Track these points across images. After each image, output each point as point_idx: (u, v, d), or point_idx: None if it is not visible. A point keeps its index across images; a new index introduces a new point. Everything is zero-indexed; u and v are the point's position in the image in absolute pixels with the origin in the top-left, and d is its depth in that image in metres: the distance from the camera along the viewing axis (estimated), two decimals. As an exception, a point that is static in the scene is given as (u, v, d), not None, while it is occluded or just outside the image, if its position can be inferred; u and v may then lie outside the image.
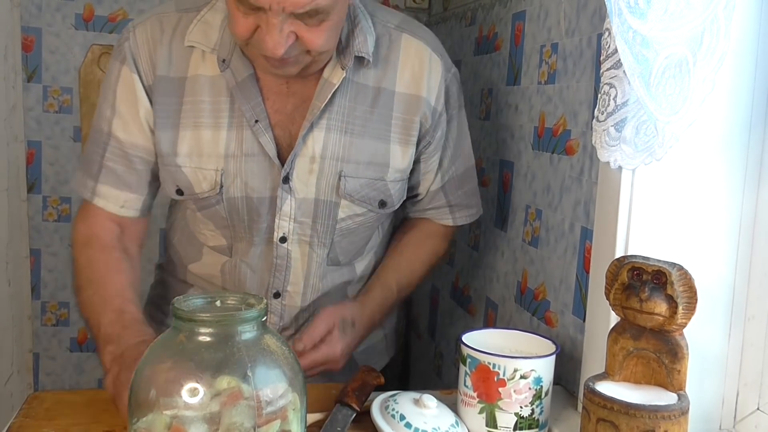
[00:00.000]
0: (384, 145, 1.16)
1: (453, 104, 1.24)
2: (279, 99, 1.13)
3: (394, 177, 1.19)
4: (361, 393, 0.99)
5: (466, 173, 1.31)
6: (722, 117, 0.94)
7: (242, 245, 1.20)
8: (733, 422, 0.99)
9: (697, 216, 0.95)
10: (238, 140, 1.12)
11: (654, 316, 0.82)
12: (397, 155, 1.18)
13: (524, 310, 1.34)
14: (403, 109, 1.17)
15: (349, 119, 1.14)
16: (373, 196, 1.18)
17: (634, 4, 0.83)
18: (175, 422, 0.70)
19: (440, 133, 1.22)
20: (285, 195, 1.14)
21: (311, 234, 1.18)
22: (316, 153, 1.13)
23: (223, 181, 1.13)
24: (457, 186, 1.30)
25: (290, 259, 1.19)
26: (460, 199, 1.31)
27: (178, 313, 0.72)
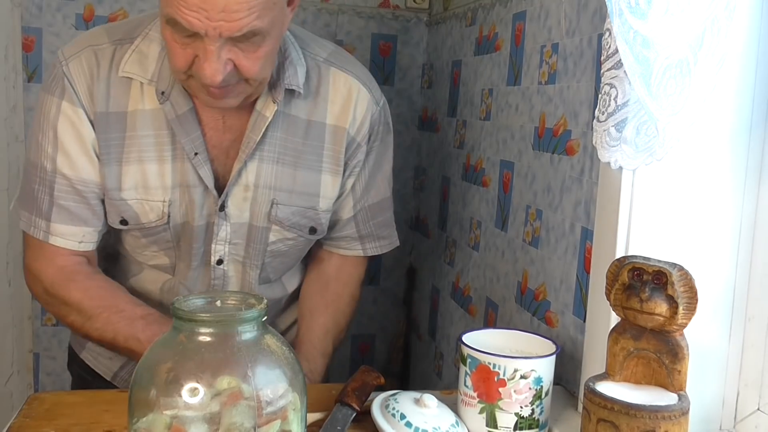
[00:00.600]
0: (316, 176, 1.21)
1: (374, 137, 1.26)
2: (215, 134, 1.16)
3: (325, 206, 1.24)
4: (361, 393, 0.99)
5: (381, 204, 1.32)
6: (723, 117, 0.94)
7: (183, 266, 1.24)
8: (733, 422, 0.99)
9: (698, 216, 0.95)
10: (181, 172, 1.15)
11: (654, 317, 0.82)
12: (328, 185, 1.22)
13: (524, 310, 1.34)
14: (331, 140, 1.21)
15: (282, 150, 1.18)
16: (304, 223, 1.23)
17: (635, 5, 0.83)
18: (175, 422, 0.70)
19: (355, 162, 1.25)
20: (221, 222, 1.19)
21: (244, 255, 1.23)
22: (249, 182, 1.18)
23: (170, 210, 1.16)
24: (370, 216, 1.32)
25: (227, 278, 1.25)
26: (371, 230, 1.33)
27: (178, 313, 0.72)
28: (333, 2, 2.15)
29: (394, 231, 1.38)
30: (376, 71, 2.20)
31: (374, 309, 2.32)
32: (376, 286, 2.31)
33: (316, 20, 2.15)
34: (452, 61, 1.89)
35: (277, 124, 1.17)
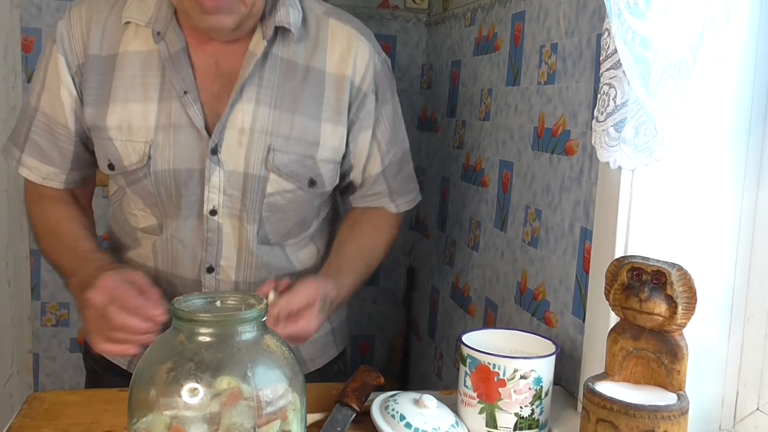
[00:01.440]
0: (315, 123, 1.17)
1: (384, 87, 1.24)
2: (207, 78, 1.16)
3: (324, 156, 1.19)
4: (361, 393, 0.99)
5: (404, 158, 1.32)
6: (722, 117, 0.94)
7: (172, 221, 1.20)
8: (732, 422, 0.99)
9: (697, 216, 0.95)
10: (167, 112, 1.14)
11: (653, 317, 0.82)
12: (328, 134, 1.19)
13: (524, 310, 1.35)
14: (333, 89, 1.19)
15: (279, 94, 1.16)
16: (303, 173, 1.19)
17: (634, 5, 0.83)
18: (175, 422, 0.70)
19: (365, 113, 1.22)
20: (213, 167, 1.15)
21: (240, 208, 1.18)
22: (245, 126, 1.14)
23: (151, 153, 1.15)
24: (397, 171, 1.30)
25: (221, 232, 1.19)
26: (400, 185, 1.32)
27: (178, 313, 0.72)
28: (333, 2, 2.15)
29: (417, 185, 1.37)
30: (376, 71, 2.20)
31: (374, 309, 2.32)
32: (376, 286, 2.31)
33: (316, 20, 2.15)
34: (451, 61, 1.90)
35: (275, 67, 1.16)
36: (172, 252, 1.22)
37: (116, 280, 1.03)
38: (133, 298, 1.01)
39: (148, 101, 1.15)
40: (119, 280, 1.03)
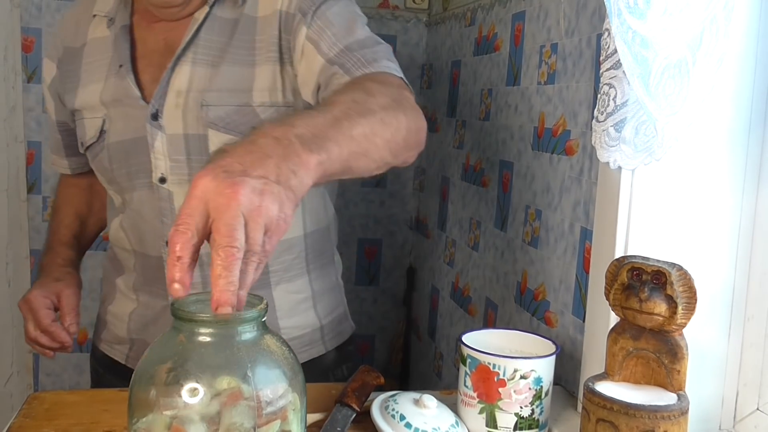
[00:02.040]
0: (247, 69, 1.14)
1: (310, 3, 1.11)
2: (155, 53, 1.19)
3: (261, 101, 1.12)
4: (361, 393, 0.99)
5: (365, 42, 1.09)
6: (722, 117, 0.94)
7: (129, 195, 1.22)
8: (732, 422, 0.99)
9: (697, 216, 0.95)
10: (109, 87, 1.20)
11: (654, 317, 0.82)
12: (265, 76, 1.12)
13: (524, 310, 1.35)
14: (263, 30, 1.14)
15: (213, 51, 1.16)
16: (243, 122, 1.14)
17: (634, 5, 0.83)
18: (175, 422, 0.70)
19: (298, 32, 1.10)
20: (155, 132, 1.16)
21: (189, 172, 1.16)
22: (182, 88, 1.15)
23: (105, 127, 1.21)
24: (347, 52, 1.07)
25: (173, 201, 1.17)
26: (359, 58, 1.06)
27: (178, 313, 0.72)
28: (332, 2, 2.15)
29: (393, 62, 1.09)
30: (376, 71, 2.20)
31: (374, 309, 2.32)
32: (376, 286, 2.31)
33: (316, 20, 2.15)
34: (451, 61, 1.90)
35: (213, 27, 1.16)
36: (137, 228, 1.23)
37: (38, 302, 1.21)
38: (45, 322, 1.20)
39: (99, 81, 1.21)
40: (41, 303, 1.21)
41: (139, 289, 1.26)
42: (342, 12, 1.13)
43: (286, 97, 1.14)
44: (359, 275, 2.30)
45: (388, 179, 2.25)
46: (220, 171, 0.69)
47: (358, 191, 2.25)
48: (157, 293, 1.23)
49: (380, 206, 2.27)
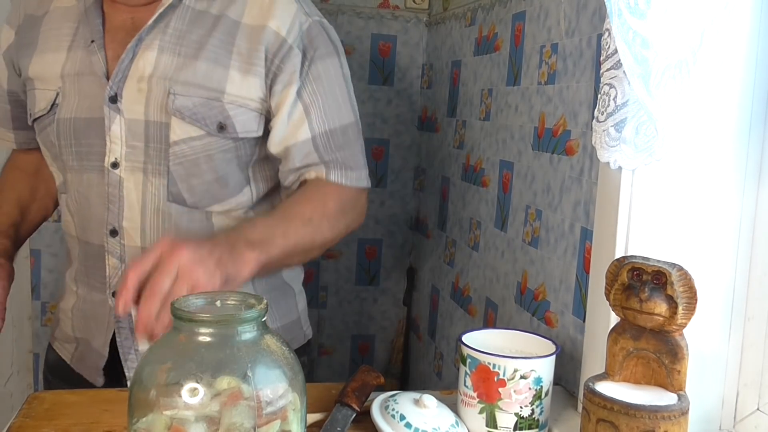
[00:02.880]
0: (221, 70, 1.12)
1: (313, 48, 1.16)
2: (121, 31, 1.16)
3: (232, 100, 1.12)
4: (361, 393, 0.99)
5: (345, 130, 1.19)
6: (722, 117, 0.94)
7: (74, 176, 1.18)
8: (733, 422, 0.99)
9: (697, 216, 0.95)
10: (73, 60, 1.16)
11: (654, 317, 0.82)
12: (236, 81, 1.12)
13: (524, 310, 1.35)
14: (247, 39, 1.13)
15: (183, 42, 1.13)
16: (210, 115, 1.12)
17: (634, 5, 0.83)
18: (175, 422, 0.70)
19: (290, 67, 1.14)
20: (113, 114, 1.12)
21: (144, 160, 1.13)
22: (145, 73, 1.12)
23: (57, 100, 1.17)
24: (333, 143, 1.18)
25: (122, 188, 1.14)
26: (336, 157, 1.18)
27: (178, 313, 0.72)
28: (333, 2, 2.15)
29: (364, 167, 1.22)
30: (376, 71, 2.20)
31: (374, 309, 2.32)
32: (376, 286, 2.31)
33: (316, 20, 2.15)
34: (452, 61, 1.90)
35: (184, 16, 1.14)
36: (81, 214, 1.19)
37: None
38: None
39: (60, 51, 1.18)
40: None
41: (80, 281, 1.23)
42: (336, 75, 1.19)
43: (254, 104, 1.14)
44: (359, 275, 2.30)
45: (388, 179, 2.26)
46: (179, 240, 0.91)
47: (358, 191, 2.24)
48: (95, 285, 1.20)
49: (380, 206, 2.27)
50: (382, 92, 2.21)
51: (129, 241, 1.15)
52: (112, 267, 1.17)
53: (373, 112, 2.22)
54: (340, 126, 1.18)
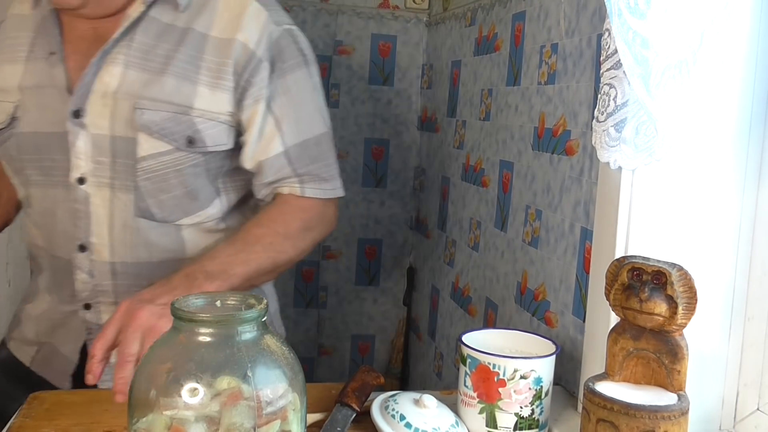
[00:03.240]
0: (189, 86, 1.10)
1: (285, 59, 1.14)
2: (83, 42, 1.12)
3: (200, 114, 1.10)
4: (361, 393, 0.99)
5: (318, 141, 1.18)
6: (722, 117, 0.94)
7: (39, 190, 1.15)
8: (733, 422, 0.99)
9: (697, 216, 0.95)
10: (32, 72, 1.13)
11: (654, 317, 0.82)
12: (205, 96, 1.10)
13: (524, 310, 1.35)
14: (215, 53, 1.10)
15: (149, 57, 1.10)
16: (178, 130, 1.09)
17: (634, 5, 0.83)
18: (175, 422, 0.70)
19: (259, 80, 1.12)
20: (77, 130, 1.09)
21: (111, 175, 1.11)
22: (110, 88, 1.09)
23: (16, 113, 1.12)
24: (306, 155, 1.16)
25: (90, 203, 1.11)
26: (310, 170, 1.17)
27: (178, 313, 0.72)
28: (333, 2, 2.15)
29: (338, 177, 1.21)
30: (376, 71, 2.20)
31: (374, 309, 2.32)
32: (376, 286, 2.31)
33: (316, 20, 2.15)
34: (452, 61, 1.90)
35: (149, 29, 1.10)
36: (47, 228, 1.16)
37: None
38: None
39: (16, 62, 1.14)
40: None
41: (51, 290, 1.20)
42: (306, 87, 1.17)
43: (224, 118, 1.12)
44: (359, 275, 2.30)
45: (388, 179, 2.26)
46: (135, 300, 0.94)
47: (358, 191, 2.25)
48: (65, 298, 1.17)
49: (380, 206, 2.27)
50: (382, 92, 2.21)
51: (98, 256, 1.14)
52: (81, 281, 1.15)
53: (373, 112, 2.22)
54: (313, 137, 1.17)
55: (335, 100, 2.19)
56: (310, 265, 2.26)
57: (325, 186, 1.19)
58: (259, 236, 1.12)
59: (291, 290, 2.26)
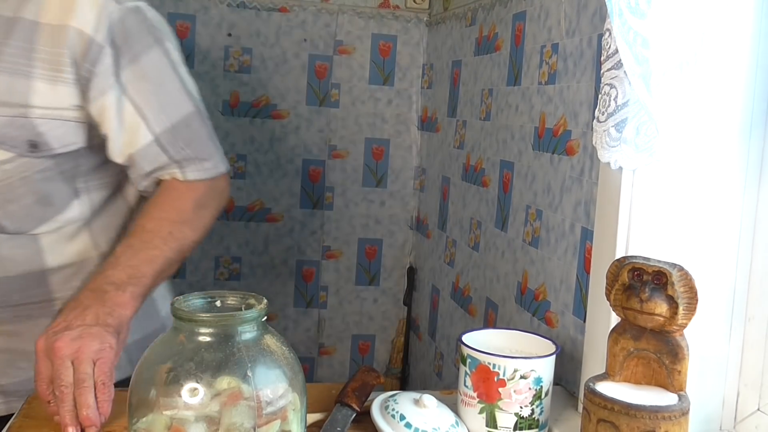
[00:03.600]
0: (23, 81, 0.99)
1: (131, 41, 1.04)
2: None
3: (41, 113, 1.00)
4: (361, 393, 0.99)
5: (187, 121, 1.09)
6: (723, 117, 0.94)
7: None
8: (733, 423, 0.99)
9: (698, 216, 0.95)
10: None
11: (654, 317, 0.82)
12: (43, 92, 1.00)
13: (524, 310, 1.34)
14: (49, 42, 1.00)
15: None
16: (17, 135, 1.00)
17: (635, 5, 0.83)
18: (175, 422, 0.70)
19: (103, 69, 1.02)
20: None
21: None
22: None
23: None
24: (179, 138, 1.08)
25: None
26: (187, 153, 1.09)
27: (178, 313, 0.72)
28: (333, 2, 2.15)
29: (217, 152, 1.13)
30: (377, 71, 2.20)
31: (374, 309, 2.32)
32: (376, 286, 2.31)
33: (316, 20, 2.15)
34: (452, 61, 1.89)
35: None
36: None
37: None
38: None
39: None
40: None
41: None
42: (164, 67, 1.07)
43: (70, 114, 1.03)
44: (359, 275, 2.30)
45: (388, 179, 2.25)
46: (50, 333, 0.90)
47: (358, 191, 2.25)
48: None
49: (380, 206, 2.27)
50: (383, 92, 2.21)
51: None
52: None
53: (374, 112, 2.22)
54: (182, 119, 1.08)
55: (335, 100, 2.19)
56: (311, 265, 2.26)
57: (206, 165, 1.11)
58: (155, 230, 1.05)
59: (291, 290, 2.26)
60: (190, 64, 2.09)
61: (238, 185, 2.17)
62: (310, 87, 2.18)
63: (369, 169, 2.24)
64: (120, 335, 0.93)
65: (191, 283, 2.19)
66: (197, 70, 2.10)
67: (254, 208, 2.20)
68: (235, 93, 2.14)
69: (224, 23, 2.10)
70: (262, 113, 2.16)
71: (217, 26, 2.10)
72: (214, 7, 2.10)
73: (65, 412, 0.85)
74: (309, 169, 2.21)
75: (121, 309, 0.95)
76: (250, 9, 2.11)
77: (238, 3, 2.10)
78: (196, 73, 2.10)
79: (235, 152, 2.16)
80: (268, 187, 2.20)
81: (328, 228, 2.25)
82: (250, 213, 2.20)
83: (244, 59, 2.13)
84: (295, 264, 2.25)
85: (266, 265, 2.23)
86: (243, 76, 2.13)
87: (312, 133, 2.20)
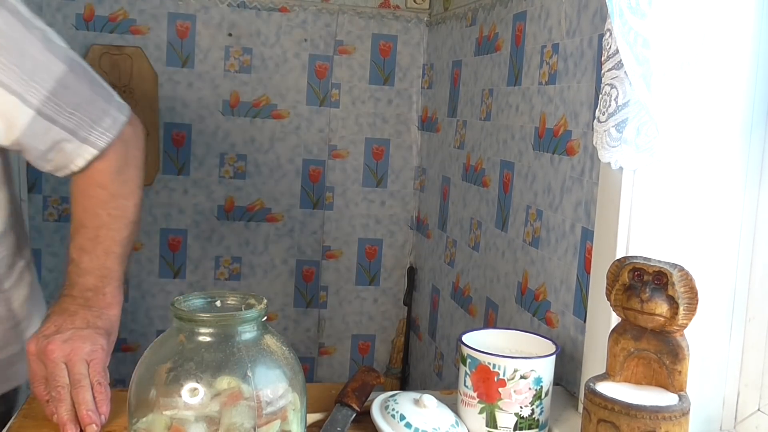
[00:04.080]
0: None
1: None
2: None
3: None
4: (361, 393, 0.99)
5: (63, 85, 0.95)
6: (723, 117, 0.94)
7: None
8: (733, 423, 0.99)
9: (698, 217, 0.95)
10: None
11: (655, 317, 0.82)
12: None
13: (525, 310, 1.34)
14: None
15: None
16: None
17: (636, 5, 0.83)
18: (175, 422, 0.70)
19: None
20: None
21: None
22: None
23: None
24: (59, 103, 0.95)
25: None
26: (79, 118, 0.97)
27: (178, 313, 0.72)
28: (333, 2, 2.15)
29: (109, 103, 1.01)
30: (377, 71, 2.20)
31: (374, 309, 2.32)
32: (376, 286, 2.31)
33: (316, 20, 2.15)
34: (452, 61, 1.89)
35: None
36: None
37: None
38: None
39: None
40: None
41: None
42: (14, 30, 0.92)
43: None
44: (359, 275, 2.30)
45: (388, 179, 2.25)
46: (41, 337, 0.91)
47: (358, 191, 2.25)
48: None
49: (381, 206, 2.27)
50: (383, 92, 2.21)
51: None
52: None
53: (374, 112, 2.22)
54: (57, 83, 0.95)
55: (336, 99, 2.19)
56: (311, 265, 2.26)
57: (104, 124, 0.99)
58: (95, 219, 1.01)
59: (291, 290, 2.26)
60: (190, 64, 2.10)
61: (238, 185, 2.17)
62: (311, 87, 2.18)
63: (369, 169, 2.25)
64: (110, 336, 0.95)
65: (191, 283, 2.19)
66: (197, 70, 2.10)
67: (254, 208, 2.20)
68: (235, 93, 2.14)
69: (225, 23, 2.10)
70: (262, 113, 2.16)
71: (218, 26, 2.10)
72: (214, 7, 2.10)
73: (64, 412, 0.86)
74: (309, 169, 2.21)
75: (108, 310, 0.97)
76: (250, 9, 2.11)
77: (239, 3, 2.10)
78: (196, 73, 2.10)
79: (235, 152, 2.16)
80: (268, 187, 2.20)
81: (328, 228, 2.25)
82: (250, 213, 2.20)
83: (244, 59, 2.13)
84: (295, 264, 2.25)
85: (266, 265, 2.23)
86: (243, 76, 2.13)
87: (312, 133, 2.20)
